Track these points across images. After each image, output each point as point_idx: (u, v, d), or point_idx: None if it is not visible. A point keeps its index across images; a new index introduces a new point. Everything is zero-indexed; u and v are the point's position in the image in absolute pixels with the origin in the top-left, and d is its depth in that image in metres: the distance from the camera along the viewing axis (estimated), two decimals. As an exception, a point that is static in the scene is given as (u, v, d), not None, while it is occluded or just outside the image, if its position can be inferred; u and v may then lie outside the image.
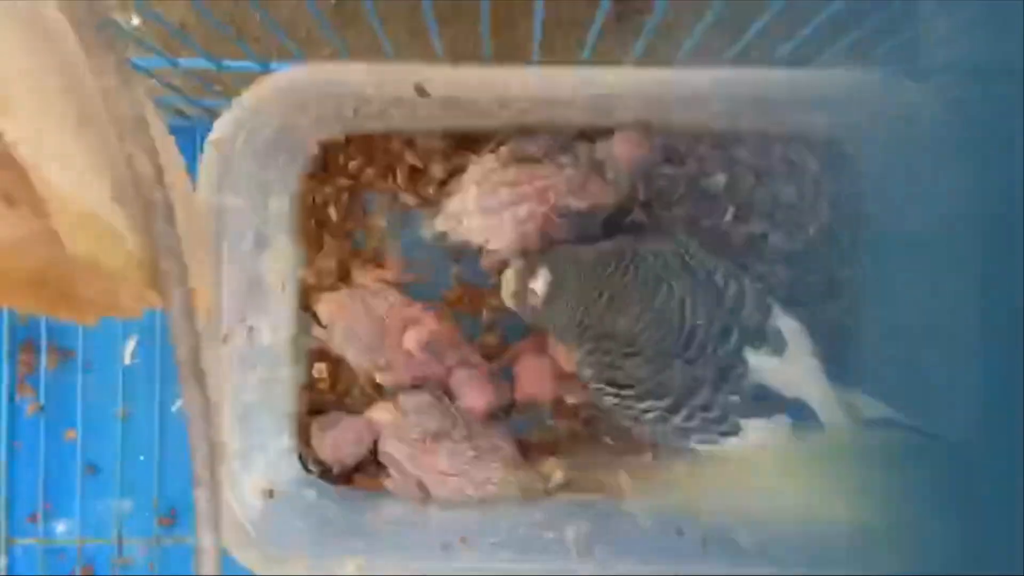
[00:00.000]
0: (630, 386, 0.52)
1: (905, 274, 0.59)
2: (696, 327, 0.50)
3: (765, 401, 0.51)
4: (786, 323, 0.52)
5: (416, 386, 0.63)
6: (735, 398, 0.50)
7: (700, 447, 0.54)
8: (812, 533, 0.56)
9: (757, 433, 0.51)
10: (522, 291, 0.55)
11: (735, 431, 0.51)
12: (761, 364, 0.51)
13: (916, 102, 0.54)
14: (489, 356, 0.65)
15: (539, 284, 0.54)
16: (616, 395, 0.53)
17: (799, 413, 0.51)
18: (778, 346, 0.51)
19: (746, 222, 0.63)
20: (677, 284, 0.51)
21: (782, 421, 0.51)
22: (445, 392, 0.63)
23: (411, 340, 0.61)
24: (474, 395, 0.62)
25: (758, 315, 0.51)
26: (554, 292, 0.53)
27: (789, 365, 0.51)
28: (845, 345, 0.61)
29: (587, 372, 0.54)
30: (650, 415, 0.52)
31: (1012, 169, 0.51)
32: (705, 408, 0.51)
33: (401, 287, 0.64)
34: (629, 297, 0.51)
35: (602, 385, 0.54)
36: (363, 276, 0.63)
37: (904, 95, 0.54)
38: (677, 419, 0.51)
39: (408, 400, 0.62)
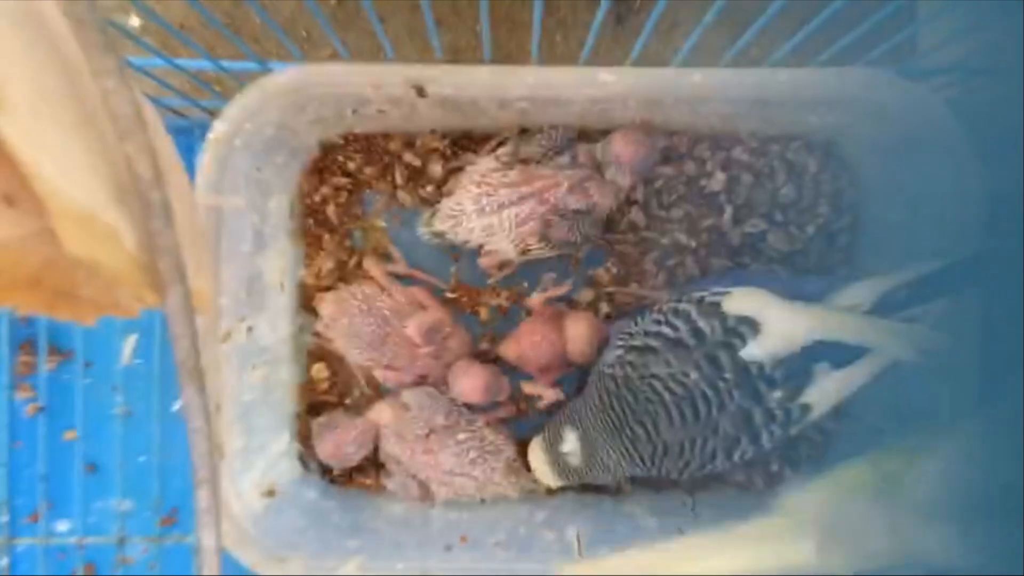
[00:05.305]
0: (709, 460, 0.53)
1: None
2: (696, 381, 0.51)
3: (796, 368, 0.50)
4: (733, 303, 0.52)
5: (418, 384, 0.63)
6: (778, 393, 0.50)
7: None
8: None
9: (820, 394, 0.51)
10: (556, 459, 0.57)
11: (807, 409, 0.51)
12: (757, 350, 0.50)
13: (916, 102, 0.54)
14: (487, 355, 0.65)
15: (571, 442, 0.56)
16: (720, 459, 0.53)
17: (825, 352, 0.50)
18: (749, 325, 0.51)
19: (745, 222, 0.63)
20: (656, 369, 0.52)
21: (824, 369, 0.51)
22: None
23: (414, 326, 0.61)
24: (470, 382, 0.61)
25: (715, 320, 0.51)
26: (587, 442, 0.55)
27: (772, 327, 0.50)
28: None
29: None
30: (737, 457, 0.53)
31: (1012, 169, 0.51)
32: (771, 419, 0.51)
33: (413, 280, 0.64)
34: (650, 409, 0.52)
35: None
36: (373, 268, 0.63)
37: (904, 95, 0.54)
38: (765, 444, 0.52)
39: (412, 395, 0.62)
